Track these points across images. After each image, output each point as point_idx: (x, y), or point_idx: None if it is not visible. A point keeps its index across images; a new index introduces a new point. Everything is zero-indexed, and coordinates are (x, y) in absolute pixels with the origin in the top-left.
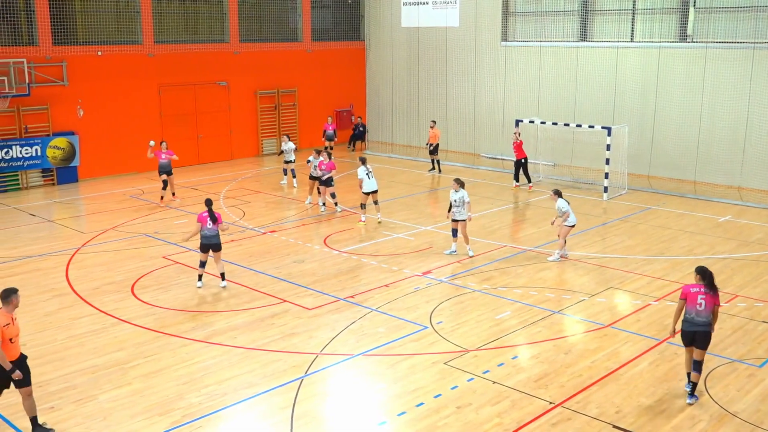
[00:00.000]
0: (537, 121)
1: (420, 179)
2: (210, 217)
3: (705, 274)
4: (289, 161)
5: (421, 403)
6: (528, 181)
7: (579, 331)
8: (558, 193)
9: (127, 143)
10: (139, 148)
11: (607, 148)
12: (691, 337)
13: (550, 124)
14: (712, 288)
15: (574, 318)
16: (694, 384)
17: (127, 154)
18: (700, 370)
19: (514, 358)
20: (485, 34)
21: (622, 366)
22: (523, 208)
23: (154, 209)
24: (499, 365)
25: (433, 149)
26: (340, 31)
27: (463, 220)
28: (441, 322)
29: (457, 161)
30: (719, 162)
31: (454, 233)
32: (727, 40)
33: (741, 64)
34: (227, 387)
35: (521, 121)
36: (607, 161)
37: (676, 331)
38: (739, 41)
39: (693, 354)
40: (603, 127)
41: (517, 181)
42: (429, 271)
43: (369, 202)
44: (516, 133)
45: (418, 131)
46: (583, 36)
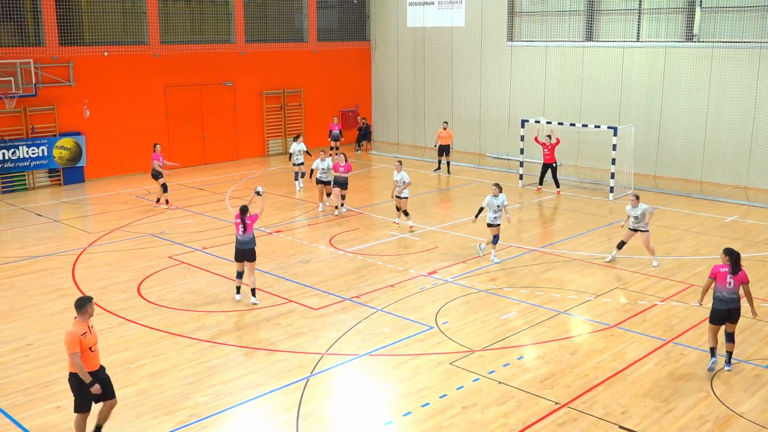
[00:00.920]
0: (543, 121)
1: (426, 179)
2: (242, 223)
3: (732, 255)
4: (301, 163)
5: (427, 403)
6: (556, 186)
7: (585, 332)
8: (638, 198)
9: (133, 143)
10: (146, 148)
11: (613, 148)
12: (725, 314)
13: (556, 124)
14: (737, 268)
15: (579, 318)
16: (730, 353)
17: (134, 155)
18: (734, 340)
19: (519, 359)
20: (491, 34)
21: (628, 366)
22: (528, 208)
23: (160, 210)
24: (505, 365)
25: (446, 150)
26: (346, 32)
27: (499, 225)
28: (446, 323)
29: (462, 161)
30: (726, 162)
31: (495, 240)
32: (733, 40)
33: (748, 63)
34: (233, 387)
35: (527, 121)
36: (613, 161)
37: (702, 303)
38: (746, 41)
39: (726, 328)
40: (609, 127)
41: (540, 183)
42: (434, 272)
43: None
44: (550, 135)
45: (423, 131)
46: (589, 36)
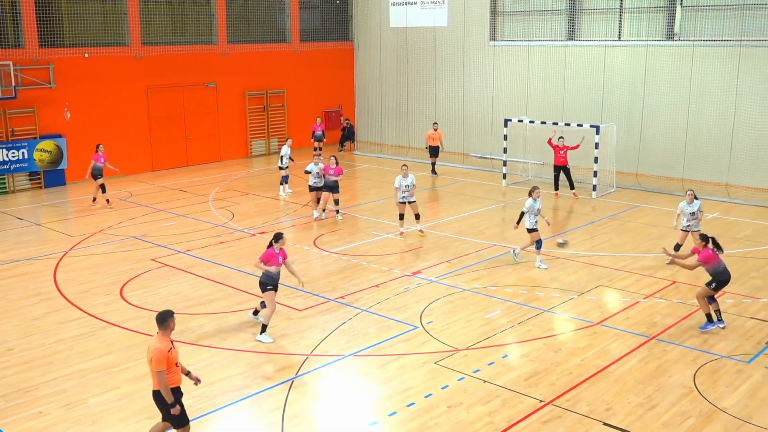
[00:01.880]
0: (526, 120)
1: None
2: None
3: (711, 240)
4: (286, 167)
5: (412, 403)
6: (571, 188)
7: (569, 330)
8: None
9: (115, 146)
10: (128, 150)
11: (596, 146)
12: (726, 284)
13: (539, 123)
14: (717, 246)
15: (563, 316)
16: (718, 311)
17: (115, 157)
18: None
19: (504, 357)
20: (474, 33)
21: (612, 363)
22: (512, 207)
23: (141, 212)
24: (490, 364)
25: (435, 152)
26: (329, 32)
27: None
28: (431, 322)
29: (446, 161)
30: (707, 159)
31: (539, 245)
32: (713, 38)
33: (728, 62)
34: (217, 389)
35: (510, 120)
36: (595, 159)
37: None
38: (726, 39)
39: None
40: (591, 126)
41: (557, 188)
42: (419, 271)
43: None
44: (563, 137)
45: (407, 131)
46: (571, 35)
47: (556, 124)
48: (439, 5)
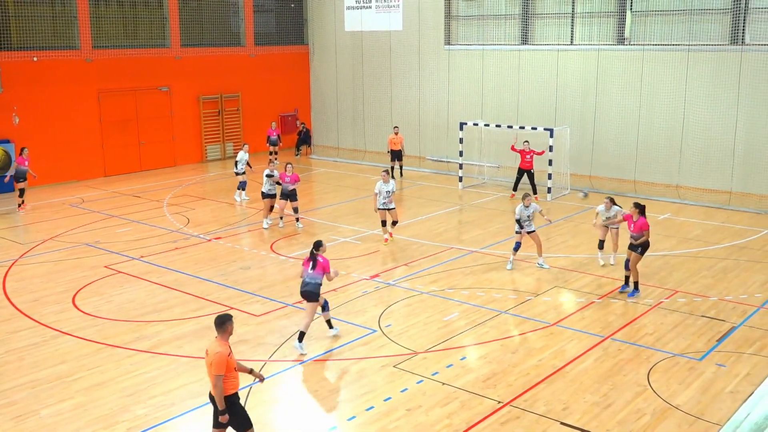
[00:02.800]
0: (481, 124)
1: (366, 183)
2: (311, 260)
3: (642, 206)
4: (243, 173)
5: (371, 407)
6: (534, 192)
7: (526, 330)
8: (613, 201)
9: (65, 151)
10: (79, 155)
11: (550, 149)
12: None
13: (494, 126)
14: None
15: (520, 317)
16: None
17: (66, 163)
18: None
19: (462, 359)
20: (428, 37)
21: (568, 363)
22: (468, 210)
23: (94, 218)
24: (448, 366)
25: (397, 156)
26: (284, 36)
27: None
28: (390, 325)
29: (403, 164)
30: (658, 161)
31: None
32: (663, 43)
33: (677, 65)
34: (174, 397)
35: (465, 123)
36: (549, 162)
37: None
38: (675, 44)
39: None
40: (545, 129)
41: (515, 190)
42: (377, 275)
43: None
44: (528, 141)
45: (363, 135)
46: (525, 39)
47: (510, 127)
48: (393, 9)
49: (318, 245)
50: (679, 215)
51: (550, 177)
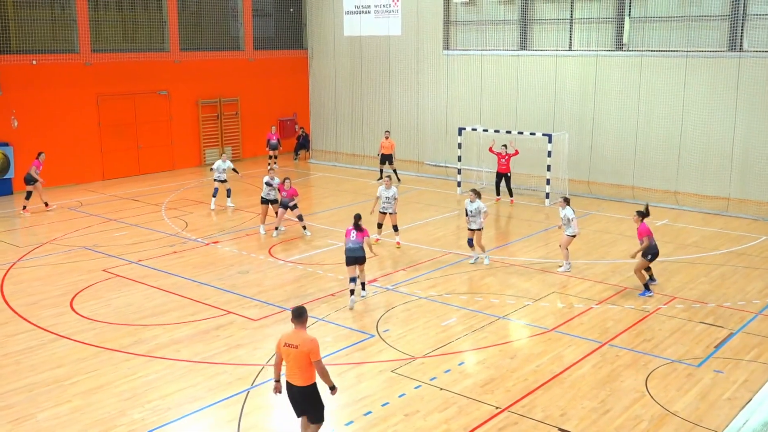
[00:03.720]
0: (479, 129)
1: (365, 188)
2: (355, 228)
3: (643, 214)
4: (223, 180)
5: (369, 412)
6: (510, 195)
7: (524, 336)
8: (567, 201)
9: (64, 154)
10: (77, 159)
11: (548, 154)
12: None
13: (492, 131)
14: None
15: (518, 323)
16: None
17: (65, 166)
18: None
19: (460, 364)
20: (427, 42)
21: (566, 369)
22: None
23: (92, 222)
24: (446, 371)
25: (388, 160)
26: (283, 40)
27: (478, 230)
28: (387, 330)
29: (400, 169)
30: (656, 167)
31: (470, 243)
32: (661, 49)
33: (675, 71)
34: (171, 401)
35: (464, 128)
36: (548, 168)
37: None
38: (673, 50)
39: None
40: (544, 134)
41: (498, 194)
42: (375, 280)
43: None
44: (506, 145)
45: (362, 140)
46: (523, 45)
47: (509, 132)
48: (392, 14)
49: (359, 217)
50: (677, 221)
51: (548, 183)
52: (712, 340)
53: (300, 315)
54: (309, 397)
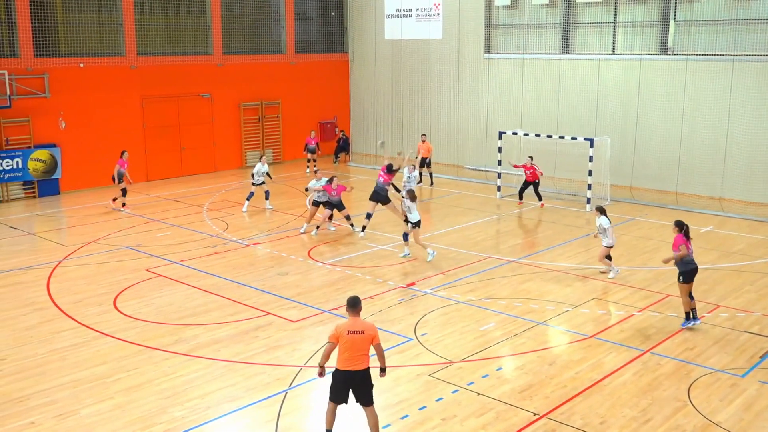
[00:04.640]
0: (520, 133)
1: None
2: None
3: (685, 226)
4: (261, 183)
5: (406, 416)
6: (539, 199)
7: (563, 342)
8: (601, 210)
9: (109, 155)
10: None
11: (590, 159)
12: (696, 272)
13: (533, 135)
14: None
15: (558, 329)
16: (695, 309)
17: (110, 167)
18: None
19: (498, 370)
20: (468, 46)
21: (606, 377)
22: (506, 220)
23: (136, 222)
24: (484, 377)
25: (426, 163)
26: (324, 44)
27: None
28: (425, 334)
29: (441, 173)
30: (700, 173)
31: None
32: (707, 53)
33: (721, 76)
34: (210, 400)
35: (504, 132)
36: (589, 173)
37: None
38: (719, 53)
39: (690, 288)
40: (585, 139)
41: (521, 199)
42: (413, 283)
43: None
44: (531, 157)
45: (402, 143)
46: (565, 48)
47: (550, 137)
48: (434, 18)
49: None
50: (722, 228)
51: (589, 188)
52: (757, 350)
53: (356, 304)
54: (369, 379)
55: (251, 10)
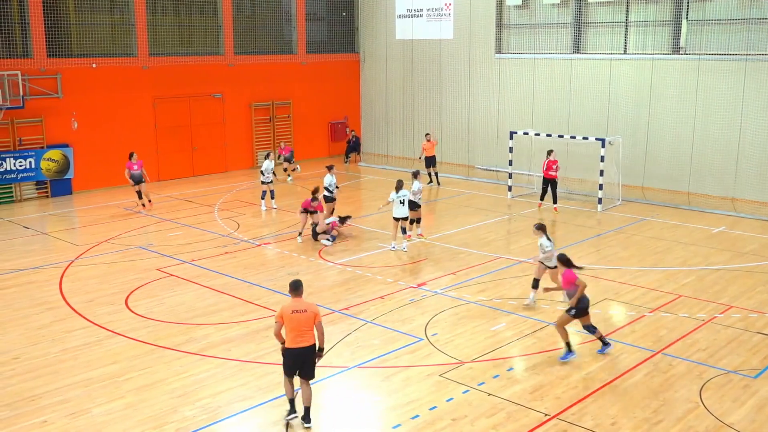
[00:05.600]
0: (531, 133)
1: None
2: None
3: (567, 260)
4: (269, 182)
5: (417, 416)
6: (554, 202)
7: (574, 343)
8: (541, 228)
9: (121, 155)
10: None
11: (601, 159)
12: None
13: (545, 135)
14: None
15: (569, 329)
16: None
17: (122, 167)
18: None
19: (509, 370)
20: (479, 46)
21: (618, 377)
22: (517, 220)
23: (147, 222)
24: (495, 377)
25: (432, 163)
26: (335, 44)
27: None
28: (436, 334)
29: (451, 173)
30: (713, 173)
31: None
32: (719, 52)
33: (733, 75)
34: (221, 400)
35: (516, 132)
36: (601, 172)
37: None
38: (732, 53)
39: (584, 321)
40: (597, 139)
41: (542, 199)
42: (424, 283)
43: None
44: (551, 150)
45: (412, 143)
46: (577, 48)
47: (561, 137)
48: (444, 18)
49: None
50: (735, 228)
51: (601, 188)
52: None
53: (297, 287)
54: (313, 353)
55: (262, 10)
